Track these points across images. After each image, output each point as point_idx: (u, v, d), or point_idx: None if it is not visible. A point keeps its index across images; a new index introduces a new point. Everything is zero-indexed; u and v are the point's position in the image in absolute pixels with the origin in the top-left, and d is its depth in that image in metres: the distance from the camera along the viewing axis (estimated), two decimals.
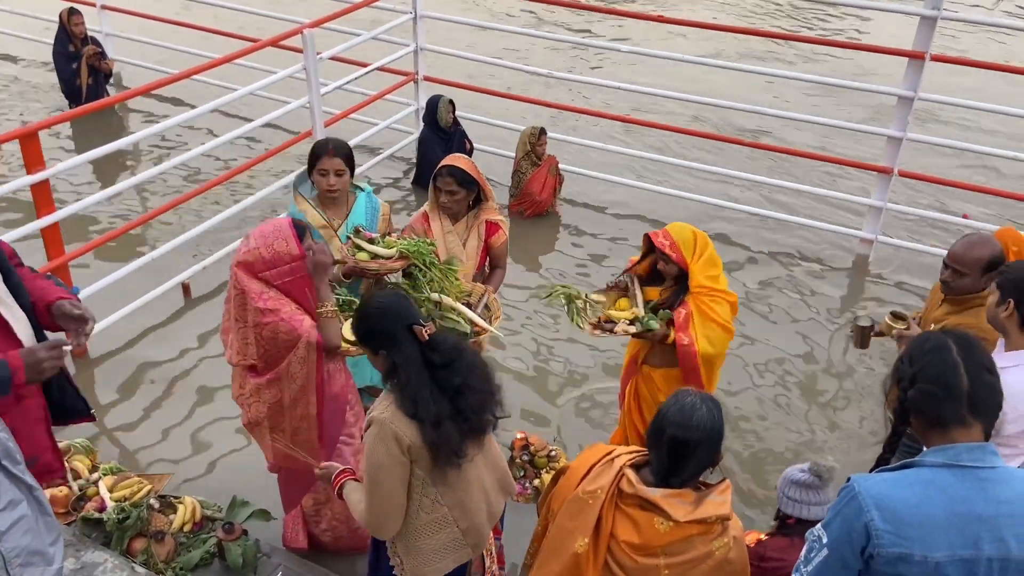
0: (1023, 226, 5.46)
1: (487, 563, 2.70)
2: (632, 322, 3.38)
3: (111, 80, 8.10)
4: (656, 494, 2.19)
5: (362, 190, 3.73)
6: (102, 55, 7.71)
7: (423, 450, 2.37)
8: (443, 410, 2.36)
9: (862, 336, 3.47)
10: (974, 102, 5.78)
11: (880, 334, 3.40)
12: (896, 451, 2.10)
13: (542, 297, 3.64)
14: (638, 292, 3.49)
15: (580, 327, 3.42)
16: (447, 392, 2.39)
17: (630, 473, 2.25)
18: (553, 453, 4.05)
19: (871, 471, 2.04)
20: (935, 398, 1.87)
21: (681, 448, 2.19)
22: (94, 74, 7.65)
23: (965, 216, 6.20)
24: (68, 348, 2.40)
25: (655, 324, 3.33)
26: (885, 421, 2.02)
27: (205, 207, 6.14)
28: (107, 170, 6.82)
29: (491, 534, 2.67)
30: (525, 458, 4.07)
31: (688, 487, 2.22)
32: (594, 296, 3.56)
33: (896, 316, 3.33)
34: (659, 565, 2.19)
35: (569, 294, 3.49)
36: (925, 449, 1.92)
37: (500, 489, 2.66)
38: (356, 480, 2.62)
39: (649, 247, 3.47)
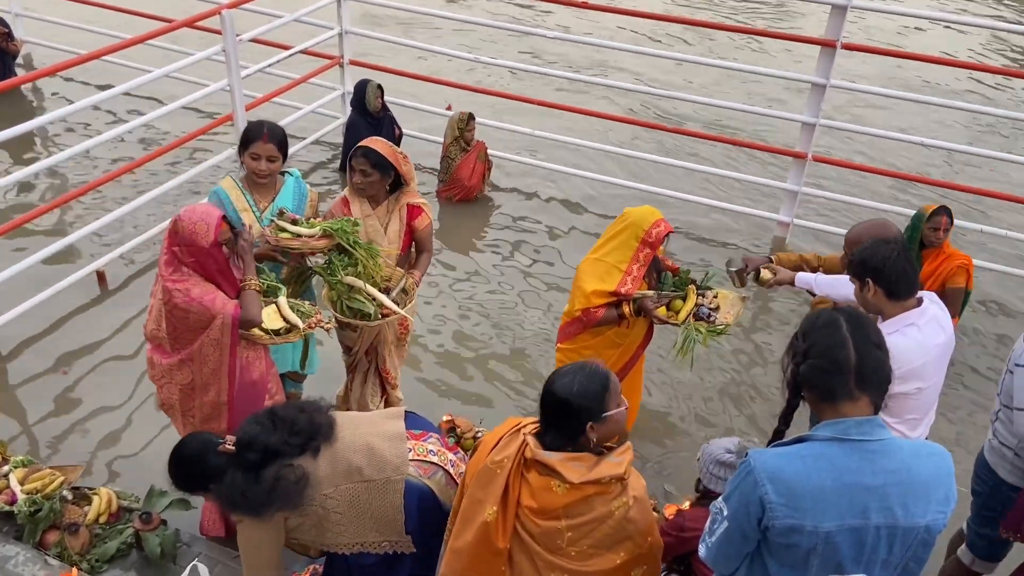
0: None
1: (453, 472, 2.75)
2: (702, 294, 3.61)
3: (19, 62, 7.76)
4: (554, 458, 2.27)
5: (291, 175, 3.68)
6: (9, 35, 7.38)
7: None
8: (267, 491, 2.45)
9: (739, 277, 3.82)
10: (883, 88, 6.03)
11: (759, 281, 3.72)
12: (790, 423, 2.19)
13: (679, 351, 3.55)
14: (656, 292, 3.60)
15: (725, 331, 3.52)
16: (279, 456, 2.48)
17: (531, 440, 2.33)
18: (479, 434, 4.09)
19: (768, 444, 2.12)
20: (824, 372, 1.94)
21: (549, 410, 2.32)
22: (0, 55, 7.32)
23: (448, 108, 6.55)
24: None
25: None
26: (782, 394, 2.10)
27: (121, 192, 5.96)
28: (16, 154, 6.55)
29: (439, 447, 2.73)
30: (451, 440, 4.10)
31: (588, 452, 2.30)
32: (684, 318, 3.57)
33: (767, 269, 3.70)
34: (561, 527, 2.27)
35: (702, 331, 3.48)
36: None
37: (386, 418, 2.77)
38: None
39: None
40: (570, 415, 2.27)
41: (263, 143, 3.43)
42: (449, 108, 6.66)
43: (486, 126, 6.59)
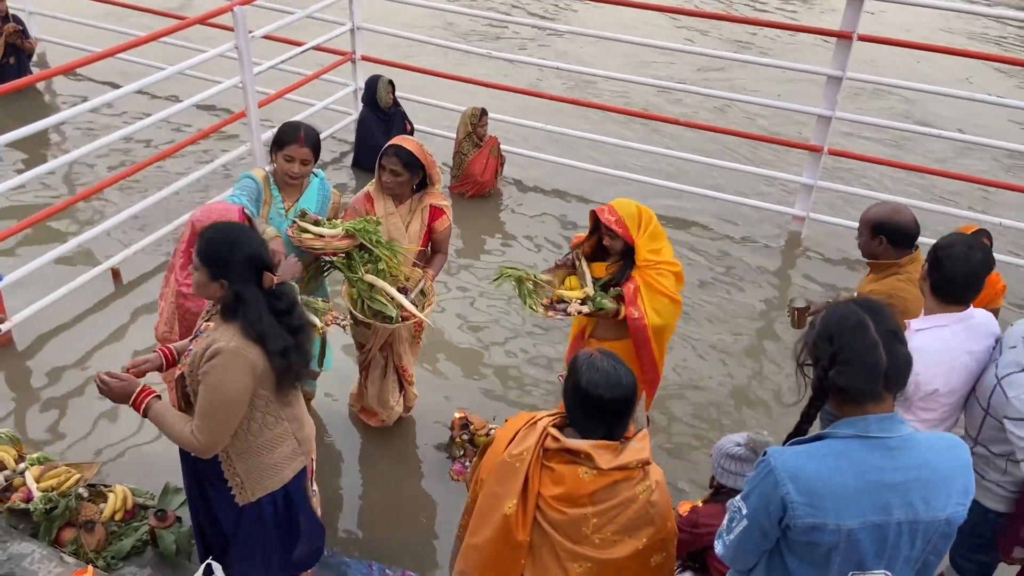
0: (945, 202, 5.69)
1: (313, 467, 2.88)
2: (584, 301, 3.41)
3: (34, 60, 7.80)
4: (586, 444, 2.27)
5: (316, 176, 3.67)
6: (24, 34, 7.40)
7: (269, 374, 2.49)
8: (288, 342, 2.48)
9: (798, 317, 3.63)
10: (899, 80, 5.96)
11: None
12: (812, 422, 2.14)
13: (492, 280, 3.59)
14: (586, 269, 3.52)
15: (533, 309, 3.41)
16: (288, 329, 2.51)
17: (554, 431, 2.32)
18: (492, 431, 4.07)
19: (786, 441, 2.09)
20: (857, 379, 1.90)
21: (621, 408, 2.27)
22: (15, 54, 7.34)
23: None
24: None
25: (607, 303, 3.38)
26: (797, 382, 2.06)
27: (135, 190, 5.98)
28: (30, 153, 6.58)
29: None
30: (465, 437, 4.09)
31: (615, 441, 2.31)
32: (543, 276, 3.55)
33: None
34: (587, 514, 2.27)
35: (519, 276, 3.48)
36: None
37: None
38: (159, 398, 2.63)
39: (595, 224, 3.49)
40: (628, 408, 2.29)
41: (299, 146, 3.42)
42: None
43: (499, 121, 6.56)
